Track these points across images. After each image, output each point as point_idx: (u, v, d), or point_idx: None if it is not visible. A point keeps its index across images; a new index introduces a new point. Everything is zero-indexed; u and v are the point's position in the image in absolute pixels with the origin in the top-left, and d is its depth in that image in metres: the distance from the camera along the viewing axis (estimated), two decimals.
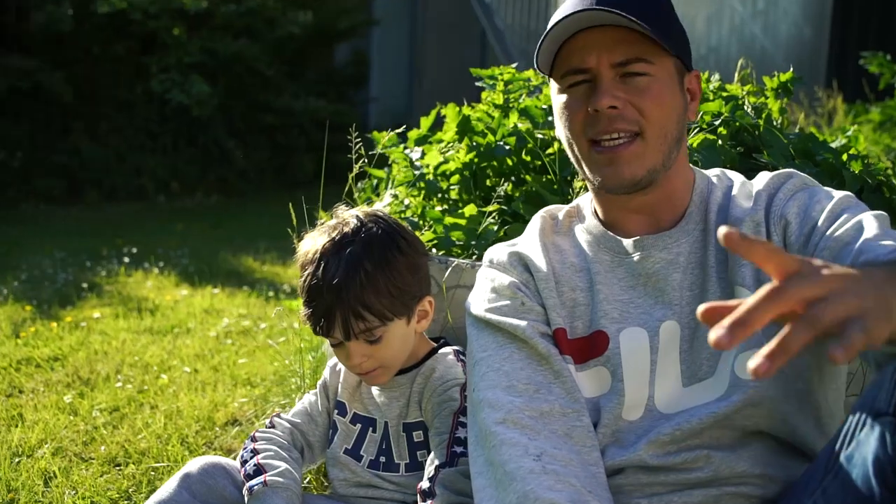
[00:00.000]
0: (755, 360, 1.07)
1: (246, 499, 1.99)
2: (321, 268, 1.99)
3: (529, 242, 1.89)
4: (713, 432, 1.72)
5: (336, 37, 10.65)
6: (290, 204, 2.97)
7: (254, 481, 1.99)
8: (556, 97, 1.79)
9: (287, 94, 9.71)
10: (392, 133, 2.93)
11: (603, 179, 1.75)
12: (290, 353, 3.82)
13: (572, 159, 1.81)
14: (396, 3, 14.62)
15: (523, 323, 1.78)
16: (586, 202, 1.93)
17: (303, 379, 3.07)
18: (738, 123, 2.52)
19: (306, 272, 2.02)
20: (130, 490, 2.66)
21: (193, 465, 2.04)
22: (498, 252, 1.90)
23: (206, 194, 9.16)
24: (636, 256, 1.79)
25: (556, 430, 1.69)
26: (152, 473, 2.75)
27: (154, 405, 3.32)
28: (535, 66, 1.80)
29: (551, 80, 1.80)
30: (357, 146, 2.67)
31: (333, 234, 2.03)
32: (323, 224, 2.13)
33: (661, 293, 1.77)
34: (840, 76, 7.12)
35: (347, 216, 2.09)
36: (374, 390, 2.15)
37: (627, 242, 1.80)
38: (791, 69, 2.96)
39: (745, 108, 2.58)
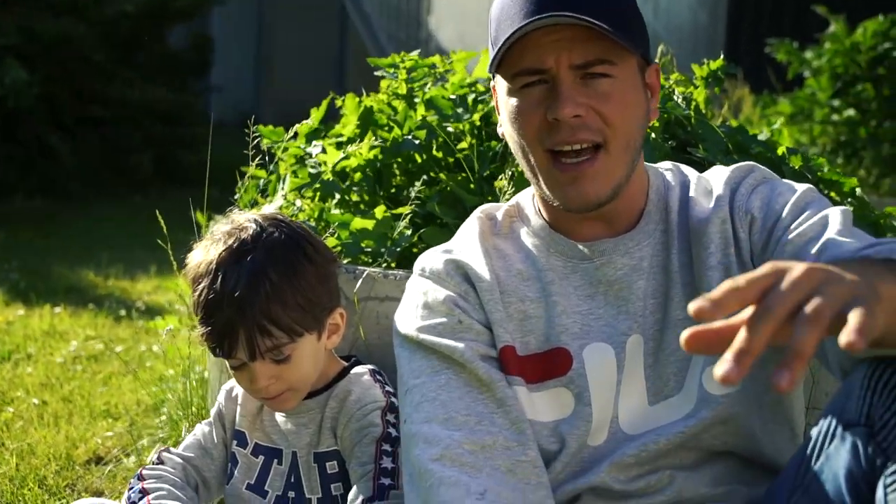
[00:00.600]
0: (721, 367, 1.12)
1: None
2: (219, 279, 1.96)
3: (468, 248, 1.87)
4: (679, 453, 1.78)
5: (173, 16, 10.47)
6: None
7: None
8: (504, 98, 1.78)
9: (119, 81, 9.50)
10: (303, 124, 2.90)
11: (564, 201, 1.76)
12: (155, 380, 3.77)
13: (525, 168, 1.80)
14: None
15: (461, 345, 1.77)
16: (527, 200, 1.93)
17: (186, 408, 3.03)
18: (667, 115, 2.62)
19: (200, 286, 1.98)
20: None
21: None
22: (431, 260, 1.88)
23: (29, 197, 8.87)
24: (595, 262, 1.81)
25: (498, 466, 1.71)
26: None
27: (0, 443, 3.22)
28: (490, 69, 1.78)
29: (498, 76, 1.80)
30: (254, 141, 2.65)
31: (230, 242, 2.00)
32: (214, 230, 2.09)
33: (624, 302, 1.80)
34: (737, 63, 7.39)
35: (243, 220, 2.05)
36: (279, 417, 2.13)
37: (583, 246, 1.82)
38: (668, 55, 3.10)
39: (675, 98, 2.68)
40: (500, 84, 1.80)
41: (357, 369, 2.15)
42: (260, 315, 1.94)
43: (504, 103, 1.78)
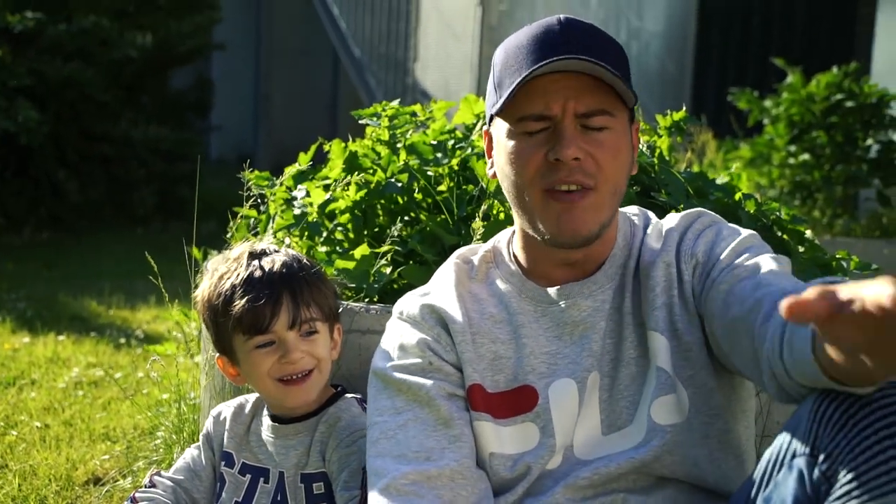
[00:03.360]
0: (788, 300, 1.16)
1: None
2: (256, 265, 2.05)
3: (443, 293, 1.89)
4: (630, 476, 1.79)
5: (176, 60, 10.50)
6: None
7: None
8: (504, 140, 1.79)
9: (124, 121, 9.51)
10: (289, 169, 2.91)
11: (556, 232, 1.76)
12: (152, 405, 3.75)
13: (517, 208, 1.81)
14: (240, 28, 14.51)
15: (428, 383, 1.81)
16: (503, 244, 1.95)
17: (179, 432, 3.02)
18: None
19: (234, 273, 2.04)
20: None
21: None
22: (409, 304, 1.90)
23: (37, 230, 8.85)
24: (562, 304, 1.83)
25: (441, 496, 1.73)
26: None
27: (4, 465, 3.20)
28: (493, 108, 1.79)
29: (497, 119, 1.81)
30: (249, 182, 2.66)
31: (252, 250, 2.10)
32: (227, 253, 2.15)
33: (587, 341, 1.82)
34: (702, 111, 7.47)
35: (258, 245, 2.14)
36: (268, 437, 2.13)
37: (552, 291, 1.84)
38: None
39: (640, 146, 2.70)
40: (500, 126, 1.80)
41: (346, 397, 2.16)
42: (304, 285, 2.03)
43: (503, 145, 1.79)
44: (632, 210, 1.95)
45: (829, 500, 1.45)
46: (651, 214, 1.95)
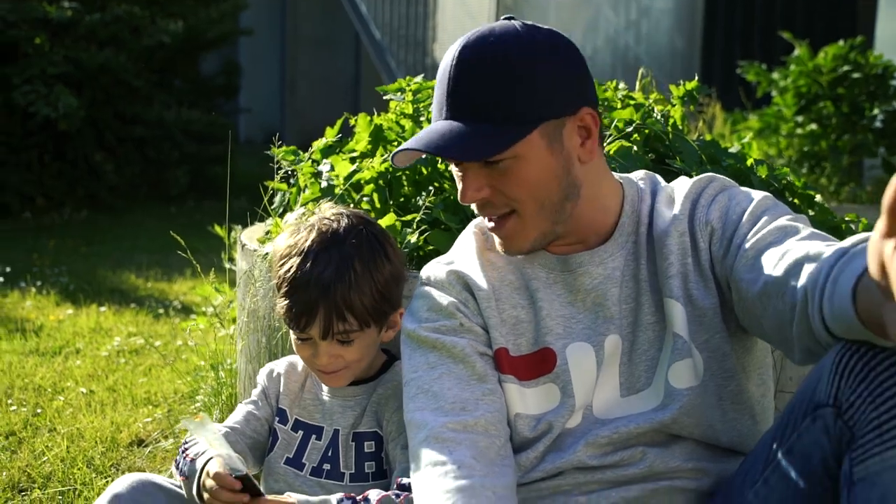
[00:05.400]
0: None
1: (185, 492, 1.94)
2: (309, 262, 1.97)
3: (467, 260, 1.90)
4: (648, 434, 1.80)
5: (205, 45, 10.50)
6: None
7: (186, 468, 1.95)
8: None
9: (157, 104, 9.52)
10: (322, 142, 2.91)
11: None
12: (190, 371, 3.78)
13: None
14: (265, 13, 14.50)
15: (462, 341, 1.82)
16: None
17: (218, 395, 3.04)
18: (647, 131, 2.63)
19: (288, 264, 1.99)
20: None
21: (122, 483, 1.96)
22: (435, 270, 1.91)
23: (76, 209, 8.90)
24: (573, 273, 1.83)
25: (477, 442, 1.73)
26: (60, 497, 2.69)
27: (52, 428, 3.24)
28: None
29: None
30: (280, 156, 2.67)
31: (323, 230, 2.01)
32: (303, 219, 2.11)
33: (601, 308, 1.82)
34: (711, 84, 7.44)
35: (335, 214, 2.07)
36: (325, 396, 2.13)
37: (563, 259, 1.84)
38: (647, 77, 3.11)
39: (655, 115, 2.69)
40: None
41: (399, 364, 2.15)
42: (340, 301, 1.96)
43: None
44: (638, 175, 1.93)
45: (852, 450, 1.45)
46: (659, 179, 1.93)
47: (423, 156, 1.87)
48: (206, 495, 1.86)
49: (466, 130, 1.68)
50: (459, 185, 1.77)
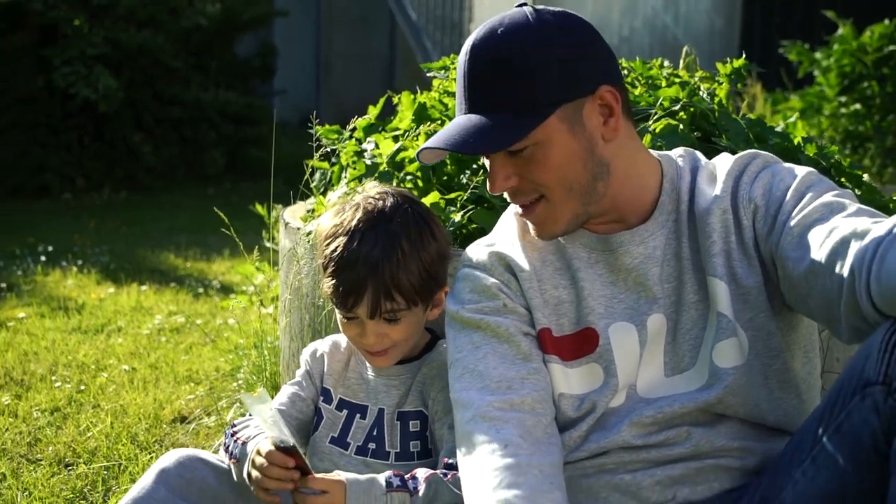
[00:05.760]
0: None
1: (235, 475, 1.95)
2: (356, 240, 1.96)
3: (508, 242, 1.90)
4: (693, 414, 1.79)
5: (241, 27, 10.52)
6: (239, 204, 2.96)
7: (237, 450, 1.95)
8: None
9: (194, 86, 9.56)
10: (359, 120, 2.90)
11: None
12: (231, 349, 3.80)
13: None
14: None
15: (506, 321, 1.82)
16: None
17: (261, 373, 3.06)
18: (692, 109, 2.60)
19: (335, 243, 1.98)
20: (85, 490, 2.63)
21: (168, 458, 1.98)
22: (477, 252, 1.91)
23: (115, 190, 8.97)
24: (614, 252, 1.81)
25: (523, 420, 1.73)
26: (105, 473, 2.72)
27: (96, 404, 3.27)
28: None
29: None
30: (321, 134, 2.66)
31: (370, 209, 2.01)
32: (347, 199, 2.10)
33: (642, 287, 1.80)
34: (757, 63, 7.38)
35: (380, 192, 2.06)
36: (369, 375, 2.13)
37: (603, 238, 1.83)
38: (692, 55, 3.07)
39: (701, 93, 2.66)
40: None
41: (443, 343, 2.14)
42: (388, 279, 1.95)
43: None
44: (677, 152, 1.90)
45: None
46: (699, 155, 1.90)
47: (448, 153, 1.87)
48: (255, 474, 1.86)
49: (485, 123, 1.69)
50: (488, 176, 1.78)
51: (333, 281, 1.98)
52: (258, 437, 1.92)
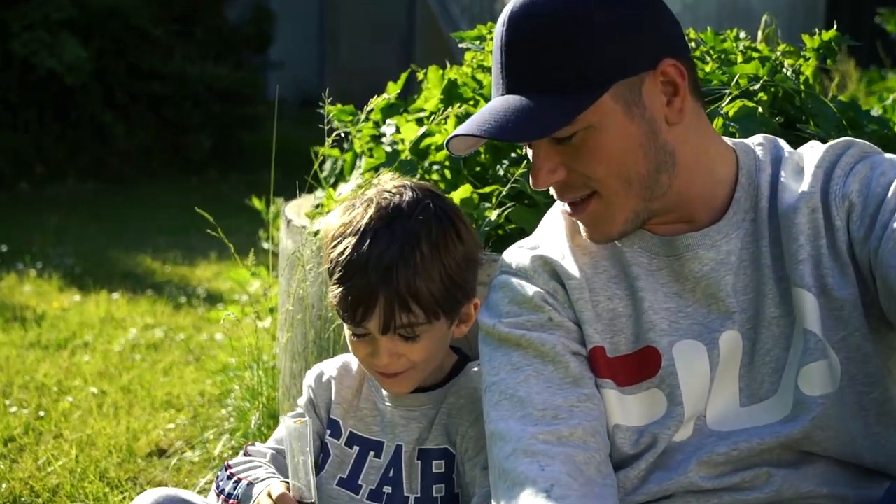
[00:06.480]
0: None
1: None
2: (368, 241, 1.95)
3: (554, 244, 1.88)
4: (775, 451, 1.77)
5: None
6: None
7: (238, 490, 1.96)
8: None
9: (177, 57, 9.60)
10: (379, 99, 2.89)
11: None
12: (220, 370, 3.81)
13: None
14: None
15: (552, 338, 1.79)
16: None
17: (256, 398, 3.06)
18: (773, 88, 2.59)
19: (343, 244, 1.97)
20: None
21: (144, 500, 1.98)
22: (518, 256, 1.89)
23: (81, 179, 9.01)
24: (680, 258, 1.80)
25: (573, 456, 1.71)
26: None
27: (59, 434, 3.29)
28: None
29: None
30: (333, 115, 2.67)
31: (384, 204, 1.99)
32: (360, 192, 2.09)
33: (713, 300, 1.78)
34: (851, 35, 7.35)
35: (397, 186, 2.04)
36: (386, 405, 2.12)
37: (667, 241, 1.81)
38: (772, 25, 3.06)
39: (784, 70, 2.65)
40: None
41: (474, 367, 2.12)
42: (404, 287, 1.93)
43: None
44: (755, 140, 1.88)
45: None
46: (783, 144, 1.89)
47: (484, 140, 1.85)
48: None
49: (526, 105, 1.68)
50: (531, 168, 1.77)
51: (340, 289, 1.97)
52: (270, 480, 1.93)
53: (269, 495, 1.87)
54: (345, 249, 1.96)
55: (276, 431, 2.21)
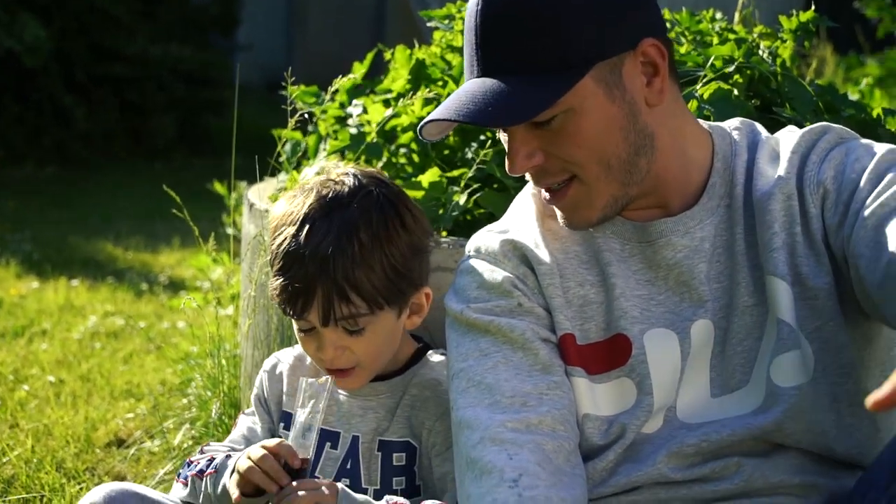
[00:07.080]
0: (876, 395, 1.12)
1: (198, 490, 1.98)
2: (304, 231, 1.96)
3: (525, 229, 1.88)
4: (746, 443, 1.78)
5: None
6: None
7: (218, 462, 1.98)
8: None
9: (140, 37, 9.54)
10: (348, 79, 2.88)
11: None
12: (181, 358, 3.80)
13: None
14: None
15: (521, 324, 1.80)
16: None
17: (217, 386, 3.05)
18: (749, 71, 2.60)
19: (282, 235, 1.98)
20: None
21: (96, 494, 1.98)
22: (486, 240, 1.89)
23: (40, 164, 8.95)
24: (653, 244, 1.80)
25: (542, 444, 1.72)
26: None
27: (14, 423, 3.27)
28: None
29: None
30: (296, 96, 2.66)
31: (324, 193, 2.00)
32: (306, 183, 2.10)
33: (686, 287, 1.79)
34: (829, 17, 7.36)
35: (340, 173, 2.05)
36: (342, 397, 2.12)
37: (640, 227, 1.81)
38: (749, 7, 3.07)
39: (761, 52, 2.65)
40: None
41: (435, 356, 2.14)
42: (342, 277, 1.94)
43: None
44: (732, 123, 1.89)
45: None
46: (759, 128, 1.89)
47: (455, 125, 1.84)
48: (245, 465, 1.87)
49: (503, 88, 1.67)
50: (507, 153, 1.76)
51: (280, 280, 1.98)
52: (248, 448, 1.94)
53: (265, 446, 1.87)
54: (283, 240, 1.98)
55: (232, 432, 2.21)
